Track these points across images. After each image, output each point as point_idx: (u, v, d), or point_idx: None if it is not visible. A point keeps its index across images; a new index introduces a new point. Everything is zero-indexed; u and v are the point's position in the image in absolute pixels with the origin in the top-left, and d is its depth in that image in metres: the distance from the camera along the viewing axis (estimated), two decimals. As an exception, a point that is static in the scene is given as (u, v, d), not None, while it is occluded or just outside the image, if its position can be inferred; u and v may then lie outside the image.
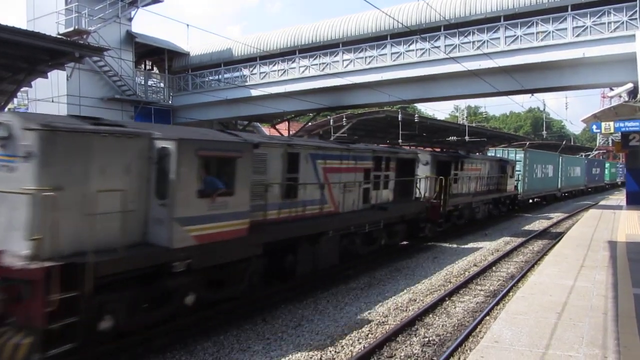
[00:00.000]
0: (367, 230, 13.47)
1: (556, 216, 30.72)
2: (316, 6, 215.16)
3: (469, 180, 24.32)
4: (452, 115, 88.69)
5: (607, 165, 67.44)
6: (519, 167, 31.38)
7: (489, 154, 36.80)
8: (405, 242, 17.21)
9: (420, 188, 17.87)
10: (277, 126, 38.08)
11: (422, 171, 19.02)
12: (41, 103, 27.26)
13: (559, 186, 42.16)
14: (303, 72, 29.50)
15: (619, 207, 27.65)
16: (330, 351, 7.72)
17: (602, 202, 36.38)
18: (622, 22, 20.91)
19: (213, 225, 7.97)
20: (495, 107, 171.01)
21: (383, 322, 9.19)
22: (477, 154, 35.62)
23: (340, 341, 8.14)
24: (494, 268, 14.41)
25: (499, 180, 28.54)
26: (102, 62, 28.51)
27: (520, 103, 61.94)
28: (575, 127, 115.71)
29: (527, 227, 24.10)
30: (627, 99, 23.54)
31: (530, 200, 36.35)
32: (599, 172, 60.55)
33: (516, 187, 31.66)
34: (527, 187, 32.68)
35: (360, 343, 8.09)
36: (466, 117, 58.66)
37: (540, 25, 22.67)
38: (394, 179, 15.68)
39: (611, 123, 22.26)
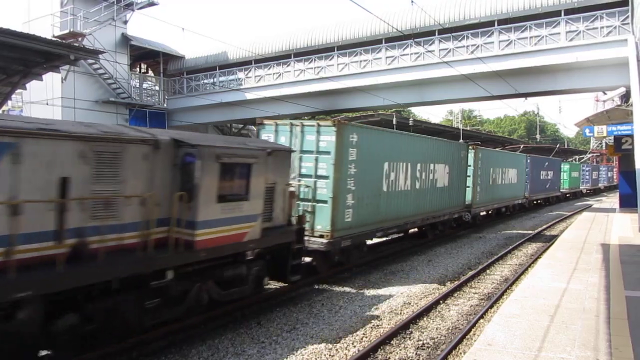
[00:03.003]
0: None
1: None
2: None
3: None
4: (446, 119, 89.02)
5: (564, 167, 47.14)
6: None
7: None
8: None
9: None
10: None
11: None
12: (35, 105, 27.17)
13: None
14: (298, 75, 29.58)
15: (612, 210, 27.84)
16: (325, 355, 7.74)
17: (596, 205, 36.57)
18: (615, 27, 21.13)
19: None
20: (490, 110, 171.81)
21: (378, 325, 9.22)
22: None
23: (335, 345, 8.15)
24: (488, 271, 14.48)
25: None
26: (97, 64, 28.49)
27: (515, 107, 62.07)
28: (569, 130, 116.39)
29: (521, 230, 24.19)
30: (619, 102, 23.76)
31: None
32: (551, 177, 40.20)
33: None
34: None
35: (354, 346, 8.12)
36: (461, 120, 58.68)
37: (534, 30, 22.87)
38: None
39: (604, 126, 22.43)
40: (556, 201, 44.49)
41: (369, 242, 14.78)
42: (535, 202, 36.93)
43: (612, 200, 42.18)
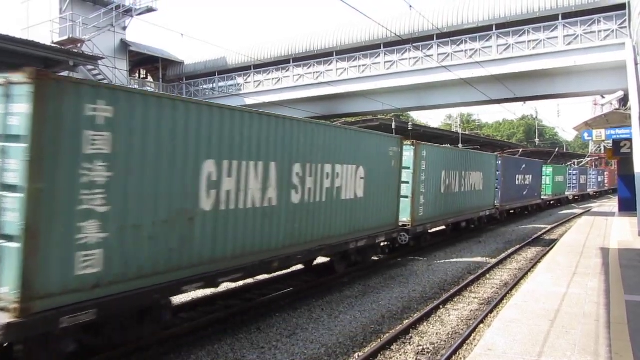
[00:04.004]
0: None
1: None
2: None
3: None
4: (444, 123, 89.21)
5: (546, 170, 40.37)
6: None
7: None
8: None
9: None
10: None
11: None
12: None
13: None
14: (297, 80, 29.67)
15: (612, 214, 27.85)
16: (325, 360, 7.72)
17: (596, 209, 36.60)
18: (613, 31, 21.22)
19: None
20: (489, 114, 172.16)
21: (378, 330, 9.20)
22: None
23: (335, 350, 8.13)
24: (487, 275, 14.46)
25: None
26: (97, 70, 28.51)
27: (513, 111, 62.20)
28: (567, 134, 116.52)
29: (521, 234, 24.18)
30: (618, 106, 23.83)
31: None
32: (529, 182, 32.23)
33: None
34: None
35: (354, 352, 8.10)
36: (459, 124, 58.84)
37: (532, 34, 22.97)
38: None
39: (602, 130, 22.53)
40: (537, 210, 37.82)
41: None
42: (509, 212, 30.04)
43: (606, 206, 42.04)
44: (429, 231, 18.26)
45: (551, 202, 42.30)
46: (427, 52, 25.21)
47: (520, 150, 50.47)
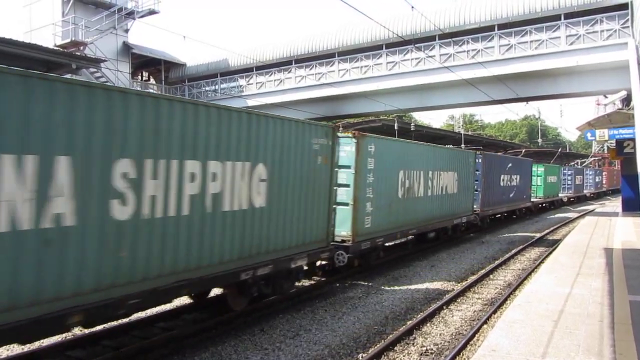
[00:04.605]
0: None
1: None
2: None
3: None
4: (446, 123, 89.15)
5: (537, 170, 36.77)
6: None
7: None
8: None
9: None
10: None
11: None
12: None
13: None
14: (299, 81, 29.70)
15: (615, 214, 27.79)
16: (328, 361, 7.70)
17: (600, 209, 36.50)
18: (615, 30, 21.19)
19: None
20: (491, 115, 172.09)
21: (381, 331, 9.20)
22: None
23: (339, 351, 8.13)
24: (491, 276, 14.44)
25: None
26: (99, 73, 28.59)
27: (516, 111, 61.99)
28: (570, 134, 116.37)
29: (524, 235, 24.13)
30: (620, 106, 23.79)
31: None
32: (517, 183, 28.32)
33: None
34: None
35: (358, 353, 8.10)
36: (462, 125, 58.81)
37: (534, 34, 22.95)
38: None
39: (605, 130, 22.48)
40: (528, 214, 34.07)
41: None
42: (492, 217, 26.21)
43: (606, 207, 41.68)
44: (386, 245, 14.83)
45: (543, 205, 38.64)
46: (429, 53, 25.21)
47: (523, 150, 50.37)
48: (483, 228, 24.19)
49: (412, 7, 14.45)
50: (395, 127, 30.75)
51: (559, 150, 59.55)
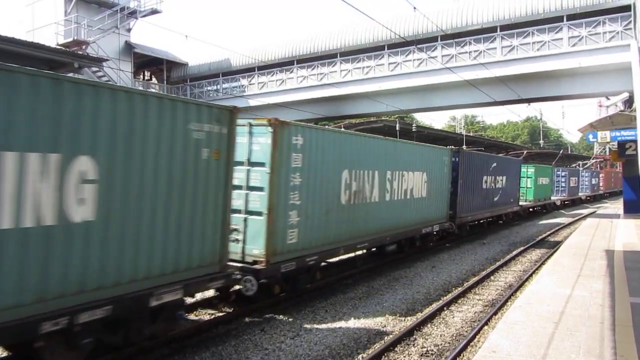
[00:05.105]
0: None
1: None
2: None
3: None
4: (448, 124, 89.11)
5: (527, 171, 33.45)
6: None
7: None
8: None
9: None
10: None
11: None
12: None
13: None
14: (301, 82, 29.72)
15: (617, 216, 27.75)
16: (329, 361, 7.68)
17: (600, 211, 36.42)
18: (617, 32, 21.17)
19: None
20: (493, 116, 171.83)
21: (381, 332, 9.19)
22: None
23: (339, 351, 8.13)
24: (492, 277, 14.42)
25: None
26: (101, 72, 28.62)
27: (518, 113, 61.86)
28: (572, 135, 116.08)
29: (525, 236, 24.09)
30: (622, 108, 23.78)
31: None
32: (503, 185, 25.04)
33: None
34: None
35: (358, 353, 8.09)
36: (464, 126, 58.79)
37: (536, 35, 22.93)
38: None
39: (607, 132, 22.47)
40: (515, 219, 30.17)
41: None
42: (472, 223, 22.96)
43: (604, 210, 41.45)
44: (321, 264, 12.05)
45: (534, 209, 35.60)
46: (431, 54, 25.21)
47: (525, 152, 50.31)
48: (461, 236, 21.15)
49: (414, 7, 14.45)
50: (397, 128, 30.75)
51: (561, 151, 59.43)
